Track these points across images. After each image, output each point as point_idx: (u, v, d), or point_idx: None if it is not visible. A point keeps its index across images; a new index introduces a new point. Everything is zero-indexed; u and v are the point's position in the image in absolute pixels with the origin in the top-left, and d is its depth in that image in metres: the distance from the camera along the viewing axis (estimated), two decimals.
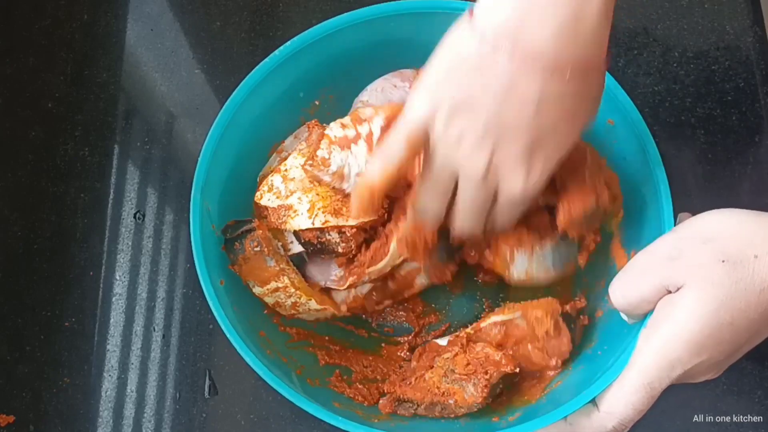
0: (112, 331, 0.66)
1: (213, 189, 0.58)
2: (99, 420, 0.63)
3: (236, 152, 0.60)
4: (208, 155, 0.57)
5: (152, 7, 0.76)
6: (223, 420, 0.63)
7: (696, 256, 0.46)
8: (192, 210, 0.56)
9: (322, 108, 0.64)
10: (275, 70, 0.60)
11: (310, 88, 0.63)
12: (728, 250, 0.45)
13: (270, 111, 0.61)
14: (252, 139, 0.61)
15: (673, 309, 0.46)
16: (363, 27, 0.60)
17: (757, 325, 0.45)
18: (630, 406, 0.47)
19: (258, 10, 0.76)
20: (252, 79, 0.59)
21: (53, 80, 0.73)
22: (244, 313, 0.57)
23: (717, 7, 0.75)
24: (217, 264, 0.57)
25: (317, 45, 0.60)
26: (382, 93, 0.62)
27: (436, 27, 0.59)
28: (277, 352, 0.57)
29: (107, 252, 0.68)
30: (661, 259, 0.48)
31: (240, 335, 0.53)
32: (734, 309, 0.45)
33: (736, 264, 0.45)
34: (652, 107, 0.71)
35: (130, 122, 0.72)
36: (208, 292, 0.54)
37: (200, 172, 0.57)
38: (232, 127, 0.59)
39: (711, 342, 0.45)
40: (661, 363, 0.46)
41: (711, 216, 0.48)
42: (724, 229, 0.47)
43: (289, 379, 0.55)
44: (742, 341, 0.46)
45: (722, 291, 0.45)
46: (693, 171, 0.69)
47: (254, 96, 0.59)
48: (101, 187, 0.70)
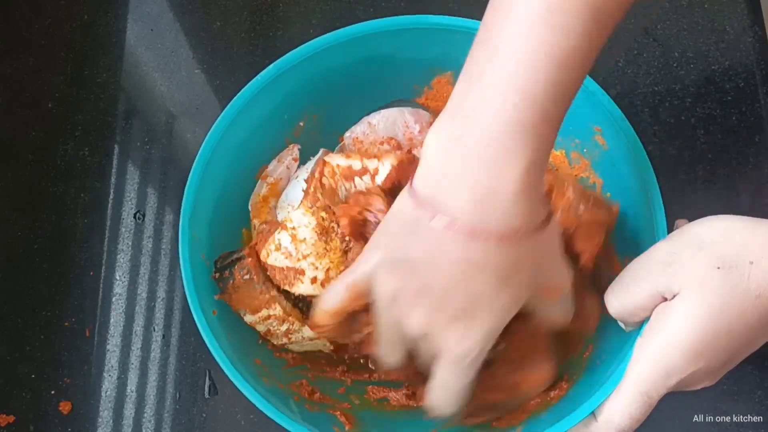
0: (112, 331, 0.66)
1: (201, 218, 0.57)
2: (99, 420, 0.63)
3: (222, 179, 0.59)
4: (194, 184, 0.56)
5: (152, 7, 0.76)
6: (223, 420, 0.63)
7: (691, 262, 0.46)
8: (181, 240, 0.55)
9: (306, 128, 0.64)
10: (257, 95, 0.59)
11: (293, 109, 0.62)
12: (724, 256, 0.45)
13: (254, 136, 0.60)
14: (238, 165, 0.60)
15: (668, 316, 0.46)
16: (345, 46, 0.60)
17: (753, 331, 0.45)
18: (627, 416, 0.47)
19: (258, 10, 0.76)
20: (235, 105, 0.58)
21: (53, 80, 0.73)
22: (239, 342, 0.56)
23: (717, 7, 0.75)
24: (208, 294, 0.56)
25: (300, 67, 0.60)
26: (392, 126, 0.62)
27: (417, 43, 0.60)
28: (274, 379, 0.56)
29: (107, 252, 0.68)
30: (657, 265, 0.47)
31: (235, 365, 0.52)
32: (730, 315, 0.44)
33: (732, 270, 0.44)
34: (652, 107, 0.71)
35: (130, 122, 0.72)
36: (200, 322, 0.53)
37: (187, 202, 0.56)
38: (217, 154, 0.58)
39: (707, 349, 0.45)
40: (657, 371, 0.46)
41: (706, 222, 0.48)
42: (720, 235, 0.46)
43: (288, 406, 0.54)
44: (738, 348, 0.46)
45: (718, 297, 0.44)
46: (693, 171, 0.69)
47: (238, 122, 0.59)
48: (101, 187, 0.70)
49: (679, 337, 0.45)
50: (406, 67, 0.62)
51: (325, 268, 0.55)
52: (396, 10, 0.75)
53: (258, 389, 0.52)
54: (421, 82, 0.63)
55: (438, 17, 0.60)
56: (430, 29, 0.60)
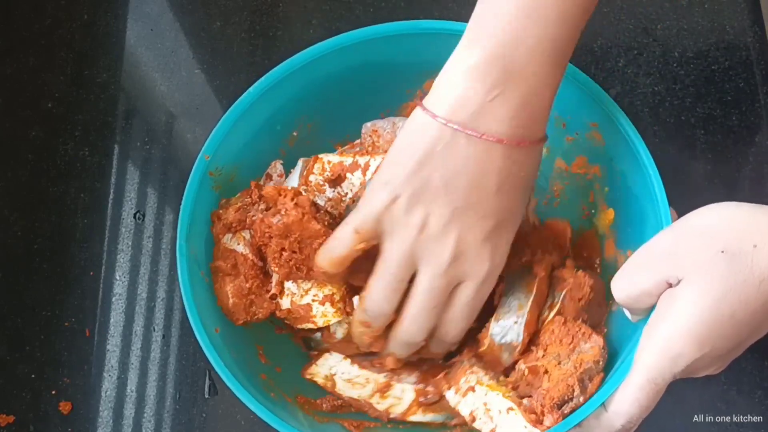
0: (112, 331, 0.66)
1: (198, 234, 0.56)
2: (99, 420, 0.63)
3: (217, 195, 0.58)
4: (190, 201, 0.56)
5: (152, 7, 0.76)
6: (223, 420, 0.63)
7: (695, 249, 0.46)
8: (179, 260, 0.54)
9: (300, 138, 0.63)
10: (250, 108, 0.58)
11: (287, 119, 0.62)
12: (727, 241, 0.45)
13: (248, 148, 0.60)
14: (232, 179, 0.60)
15: (673, 303, 0.46)
16: (338, 54, 0.59)
17: (758, 316, 0.45)
18: (636, 404, 0.47)
19: (258, 10, 0.76)
20: (228, 119, 0.58)
21: (53, 80, 0.73)
22: (243, 357, 0.55)
23: (717, 7, 0.75)
24: (209, 311, 0.55)
25: (293, 76, 0.59)
26: (394, 132, 0.62)
27: (412, 48, 0.60)
28: (281, 392, 0.56)
29: (107, 252, 0.68)
30: (661, 253, 0.48)
31: (241, 382, 0.51)
32: (735, 301, 0.44)
33: (735, 255, 0.44)
34: (652, 107, 0.71)
35: (130, 122, 0.72)
36: (203, 341, 0.52)
37: (183, 220, 0.55)
38: (211, 169, 0.57)
39: (713, 335, 0.45)
40: (664, 358, 0.46)
41: (709, 209, 0.48)
42: (722, 221, 0.47)
43: (296, 420, 0.54)
44: (743, 333, 0.46)
45: (722, 283, 0.44)
46: (693, 171, 0.69)
47: (231, 136, 0.58)
48: (101, 187, 0.70)
49: (684, 323, 0.45)
50: (400, 72, 0.62)
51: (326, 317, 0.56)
52: (395, 10, 0.75)
53: (266, 404, 0.51)
54: (414, 87, 0.63)
55: (432, 22, 0.59)
56: (425, 34, 0.59)
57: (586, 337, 0.52)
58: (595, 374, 0.51)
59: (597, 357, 0.51)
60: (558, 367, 0.52)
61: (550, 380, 0.51)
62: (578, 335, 0.52)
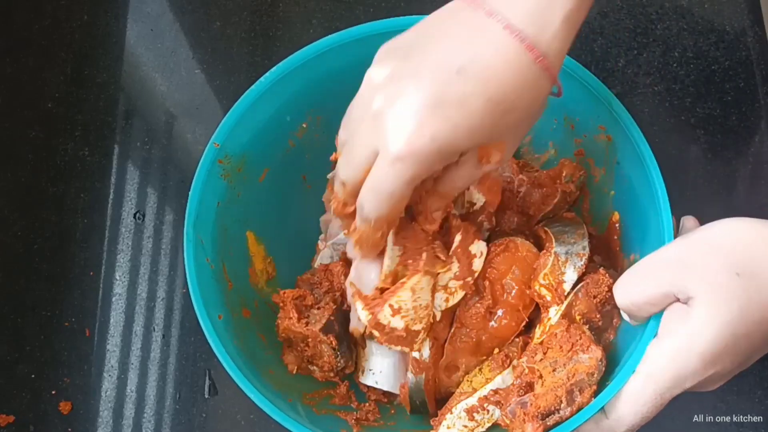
0: (112, 331, 0.66)
1: (205, 221, 0.57)
2: (99, 420, 0.63)
3: (225, 183, 0.59)
4: (199, 188, 0.56)
5: (152, 7, 0.76)
6: (223, 420, 0.63)
7: (708, 266, 0.46)
8: (186, 246, 0.54)
9: (309, 130, 0.63)
10: (260, 98, 0.59)
11: (296, 111, 0.62)
12: (742, 261, 0.45)
13: (257, 138, 0.60)
14: (240, 169, 0.60)
15: (686, 321, 0.46)
16: (348, 47, 0.59)
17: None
18: (639, 415, 0.48)
19: (258, 10, 0.76)
20: (238, 108, 0.58)
21: (53, 80, 0.73)
22: (246, 346, 0.55)
23: (717, 7, 0.75)
24: (214, 298, 0.55)
25: (303, 68, 0.59)
26: None
27: None
28: (281, 382, 0.56)
29: (107, 252, 0.68)
30: (671, 264, 0.47)
31: (241, 369, 0.52)
32: (749, 322, 0.44)
33: (751, 277, 0.44)
34: (652, 107, 0.71)
35: (130, 122, 0.72)
36: (206, 327, 0.52)
37: (192, 207, 0.56)
38: (220, 157, 0.58)
39: (725, 354, 0.45)
40: (675, 375, 0.46)
41: (723, 225, 0.47)
42: (737, 239, 0.46)
43: (295, 410, 0.54)
44: (754, 354, 0.46)
45: (737, 304, 0.44)
46: (693, 171, 0.69)
47: (241, 125, 0.58)
48: (101, 187, 0.70)
49: (698, 343, 0.45)
50: None
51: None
52: (395, 11, 0.75)
53: (264, 393, 0.51)
54: None
55: None
56: None
57: (584, 347, 0.52)
58: (587, 387, 0.50)
59: (592, 369, 0.51)
60: (552, 374, 0.51)
61: (542, 386, 0.51)
62: (578, 344, 0.52)
